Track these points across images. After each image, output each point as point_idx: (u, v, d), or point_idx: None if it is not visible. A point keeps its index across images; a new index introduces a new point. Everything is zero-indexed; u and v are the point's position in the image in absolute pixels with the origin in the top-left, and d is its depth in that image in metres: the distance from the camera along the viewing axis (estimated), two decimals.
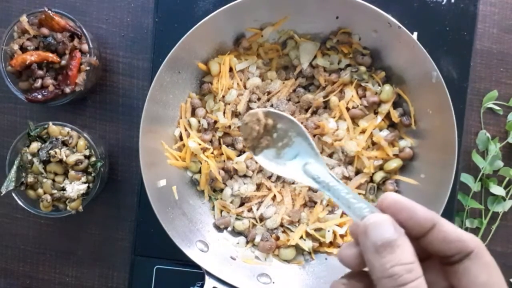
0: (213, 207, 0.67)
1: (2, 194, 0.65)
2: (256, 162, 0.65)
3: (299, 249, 0.65)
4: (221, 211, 0.66)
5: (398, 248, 0.30)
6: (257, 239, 0.65)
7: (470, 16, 0.65)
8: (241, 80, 0.65)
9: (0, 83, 0.68)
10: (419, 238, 0.32)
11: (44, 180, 0.66)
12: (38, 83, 0.65)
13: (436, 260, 0.33)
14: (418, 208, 0.32)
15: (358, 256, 0.32)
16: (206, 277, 0.59)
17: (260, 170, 0.66)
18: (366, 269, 0.32)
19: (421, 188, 0.62)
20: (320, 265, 0.65)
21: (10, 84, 0.66)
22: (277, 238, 0.65)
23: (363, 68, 0.64)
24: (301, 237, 0.64)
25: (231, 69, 0.65)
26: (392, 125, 0.66)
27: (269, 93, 0.66)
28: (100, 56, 0.69)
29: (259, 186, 0.66)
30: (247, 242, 0.66)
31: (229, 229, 0.66)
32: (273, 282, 0.62)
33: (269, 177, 0.66)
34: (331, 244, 0.65)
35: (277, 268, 0.64)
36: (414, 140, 0.64)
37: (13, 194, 0.66)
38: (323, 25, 0.64)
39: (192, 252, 0.60)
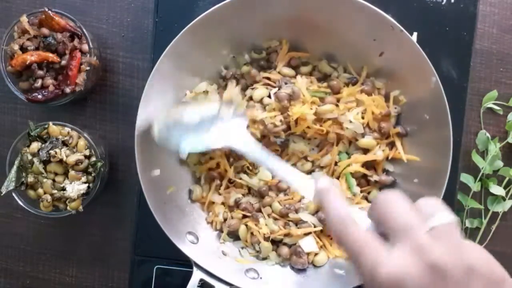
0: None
1: (2, 194, 0.65)
2: None
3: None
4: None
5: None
6: (284, 251, 0.64)
7: (470, 16, 0.65)
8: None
9: (0, 83, 0.68)
10: None
11: (44, 180, 0.66)
12: (38, 83, 0.65)
13: None
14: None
15: None
16: (194, 268, 0.59)
17: None
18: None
19: (414, 192, 0.61)
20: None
21: (10, 84, 0.66)
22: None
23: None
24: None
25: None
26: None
27: None
28: (100, 56, 0.69)
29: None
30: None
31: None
32: (261, 278, 0.62)
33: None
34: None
35: (265, 264, 0.64)
36: (408, 145, 0.64)
37: (13, 194, 0.66)
38: (321, 24, 0.63)
39: (182, 243, 0.60)
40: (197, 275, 0.59)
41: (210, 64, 0.65)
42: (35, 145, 0.66)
